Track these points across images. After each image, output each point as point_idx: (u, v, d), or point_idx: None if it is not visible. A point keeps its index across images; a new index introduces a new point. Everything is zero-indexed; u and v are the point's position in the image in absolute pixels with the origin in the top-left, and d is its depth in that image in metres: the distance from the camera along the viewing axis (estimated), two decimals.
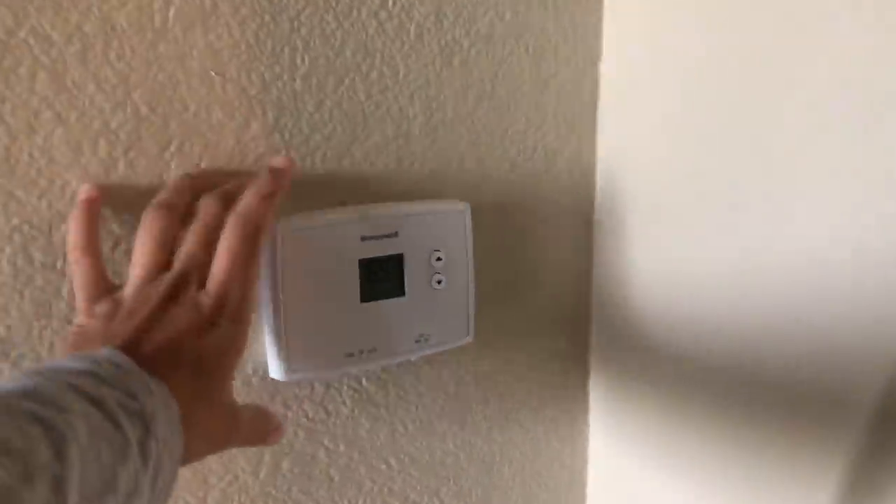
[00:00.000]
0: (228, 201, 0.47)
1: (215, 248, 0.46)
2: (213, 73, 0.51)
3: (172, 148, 0.51)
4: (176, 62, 0.50)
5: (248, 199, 0.47)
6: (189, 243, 0.46)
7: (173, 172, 0.51)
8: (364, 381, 0.61)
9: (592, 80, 0.69)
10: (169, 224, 0.46)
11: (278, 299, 0.53)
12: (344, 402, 0.60)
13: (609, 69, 0.69)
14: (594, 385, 0.76)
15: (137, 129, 0.49)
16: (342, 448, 0.61)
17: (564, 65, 0.66)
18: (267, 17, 0.52)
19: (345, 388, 0.60)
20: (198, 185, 0.50)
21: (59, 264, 0.48)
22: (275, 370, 0.55)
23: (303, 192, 0.56)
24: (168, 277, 0.44)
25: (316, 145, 0.56)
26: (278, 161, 0.51)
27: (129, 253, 0.48)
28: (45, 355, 0.48)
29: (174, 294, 0.44)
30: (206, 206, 0.47)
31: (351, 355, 0.56)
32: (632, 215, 0.69)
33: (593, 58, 0.68)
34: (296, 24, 0.54)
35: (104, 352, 0.39)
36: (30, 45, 0.45)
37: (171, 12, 0.49)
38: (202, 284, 0.45)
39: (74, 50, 0.47)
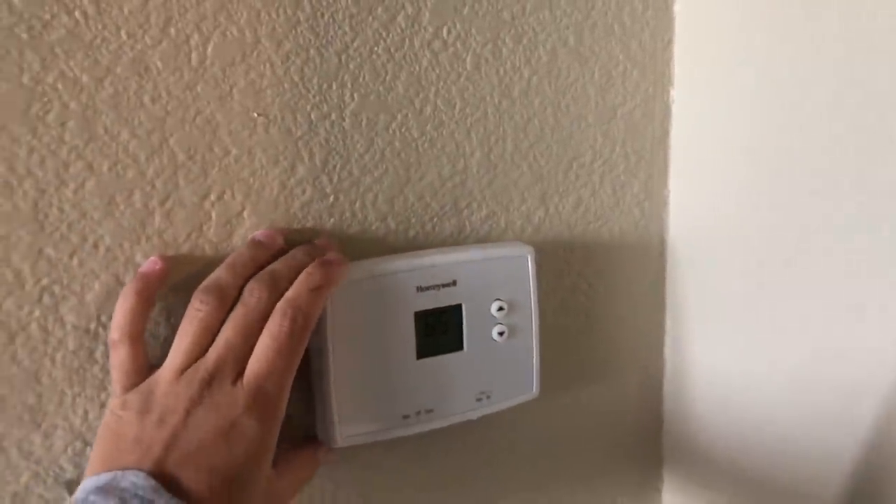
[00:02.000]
0: (275, 286, 0.44)
1: (256, 337, 0.43)
2: (255, 115, 0.47)
3: (212, 197, 0.47)
4: (215, 103, 0.46)
5: (298, 290, 0.44)
6: (228, 330, 0.43)
7: (214, 223, 0.47)
8: (419, 443, 0.56)
9: (663, 108, 0.63)
10: (218, 311, 0.43)
11: (327, 358, 0.48)
12: (397, 466, 0.56)
13: (682, 95, 0.63)
14: (667, 438, 0.70)
15: (174, 178, 0.45)
16: None
17: (633, 92, 0.61)
18: (312, 52, 0.48)
19: (400, 450, 0.55)
20: (260, 259, 0.46)
21: (92, 326, 0.44)
22: (324, 435, 0.50)
23: (352, 239, 0.51)
24: (201, 371, 0.42)
25: (366, 188, 0.52)
26: (331, 255, 0.47)
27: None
28: (78, 425, 0.44)
29: (206, 390, 0.41)
30: (252, 291, 0.44)
31: (407, 417, 0.51)
32: (708, 254, 0.64)
33: (664, 83, 0.63)
34: (344, 58, 0.49)
35: (132, 480, 0.38)
36: (58, 91, 0.42)
37: (209, 49, 0.45)
38: (237, 374, 0.42)
39: (106, 94, 0.43)
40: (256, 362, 0.42)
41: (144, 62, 0.44)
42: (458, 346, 0.53)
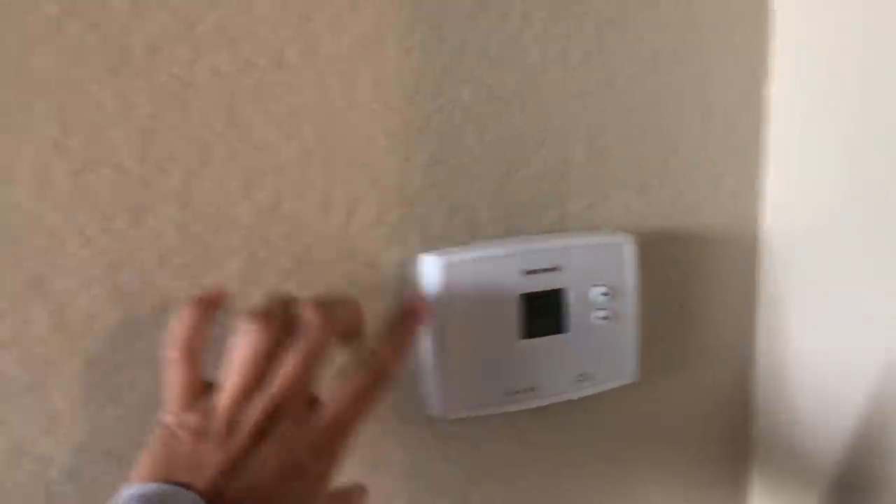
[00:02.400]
0: (333, 314, 0.44)
1: (318, 368, 0.43)
2: (378, 105, 0.50)
3: (339, 181, 0.50)
4: (343, 94, 0.49)
5: (385, 353, 0.45)
6: (291, 364, 0.42)
7: (339, 206, 0.50)
8: (521, 421, 0.59)
9: (759, 102, 0.64)
10: (269, 336, 0.42)
11: (439, 335, 0.51)
12: (500, 442, 0.58)
13: (778, 90, 0.64)
14: (758, 426, 0.71)
15: (305, 163, 0.49)
16: (498, 488, 0.59)
17: (730, 87, 0.63)
18: (432, 47, 0.51)
19: (501, 426, 0.58)
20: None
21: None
22: (434, 407, 0.53)
23: (461, 224, 0.54)
24: (264, 402, 0.41)
25: (476, 176, 0.54)
26: (416, 303, 0.50)
27: None
28: None
29: (268, 423, 0.41)
30: (312, 322, 0.43)
31: (511, 394, 0.54)
32: (801, 246, 0.65)
33: (759, 78, 0.64)
34: (459, 52, 0.52)
35: (183, 498, 0.37)
36: (205, 81, 0.46)
37: (339, 44, 0.49)
38: (302, 408, 0.42)
39: (247, 84, 0.47)
40: (330, 408, 0.42)
41: (281, 55, 0.47)
42: (561, 328, 0.55)
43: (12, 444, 0.45)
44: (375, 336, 0.47)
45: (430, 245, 0.53)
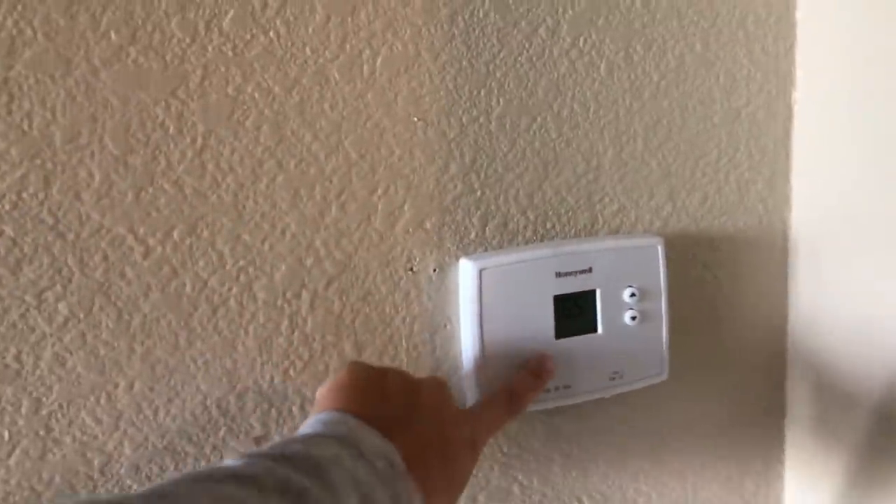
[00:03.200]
0: None
1: None
2: (415, 119, 0.53)
3: (379, 191, 0.53)
4: (382, 109, 0.52)
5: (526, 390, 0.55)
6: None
7: (380, 214, 0.53)
8: (556, 418, 0.61)
9: (786, 109, 0.66)
10: None
11: (478, 334, 0.54)
12: (537, 438, 0.61)
13: (803, 96, 0.66)
14: (790, 425, 0.72)
15: (348, 174, 0.52)
16: (535, 484, 0.61)
17: (757, 93, 0.64)
18: (465, 63, 0.54)
19: (537, 423, 0.60)
20: None
21: (279, 302, 0.51)
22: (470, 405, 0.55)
23: (496, 229, 0.57)
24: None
25: (509, 183, 0.57)
26: (546, 364, 0.56)
27: None
28: (265, 388, 0.52)
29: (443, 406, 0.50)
30: None
31: (547, 391, 0.56)
32: (830, 249, 0.66)
33: (786, 85, 0.66)
34: (491, 67, 0.55)
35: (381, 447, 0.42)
36: (255, 100, 0.49)
37: (378, 62, 0.52)
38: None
39: (293, 102, 0.50)
40: (477, 414, 0.52)
41: (325, 74, 0.51)
42: (593, 328, 0.57)
43: (82, 442, 0.48)
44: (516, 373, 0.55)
45: (467, 250, 0.56)
